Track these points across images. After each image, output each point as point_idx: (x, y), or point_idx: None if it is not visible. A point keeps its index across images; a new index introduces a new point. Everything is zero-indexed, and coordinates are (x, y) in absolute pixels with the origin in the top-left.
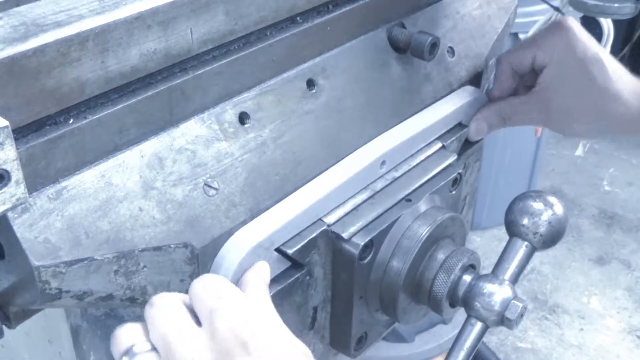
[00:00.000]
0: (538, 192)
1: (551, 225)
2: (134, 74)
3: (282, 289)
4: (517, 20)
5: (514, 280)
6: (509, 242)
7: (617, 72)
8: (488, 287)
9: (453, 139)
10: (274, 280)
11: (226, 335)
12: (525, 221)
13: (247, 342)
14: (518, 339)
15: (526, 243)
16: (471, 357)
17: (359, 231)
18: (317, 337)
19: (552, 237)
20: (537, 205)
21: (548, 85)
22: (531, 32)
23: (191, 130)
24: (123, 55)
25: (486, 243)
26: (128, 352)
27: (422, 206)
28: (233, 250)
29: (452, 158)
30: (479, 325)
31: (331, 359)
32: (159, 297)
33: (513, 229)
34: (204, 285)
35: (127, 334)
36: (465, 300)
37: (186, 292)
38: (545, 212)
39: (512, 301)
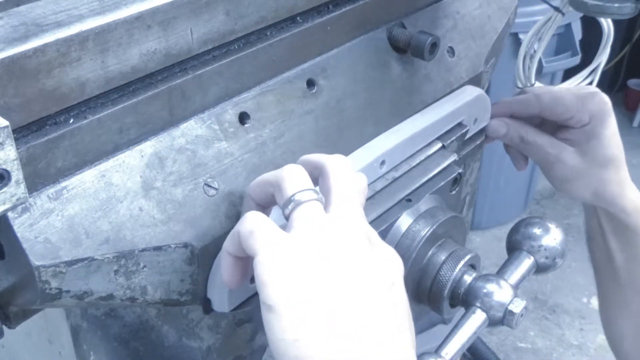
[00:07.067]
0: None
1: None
2: (134, 74)
3: None
4: (517, 20)
5: (516, 283)
6: (512, 252)
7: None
8: (488, 287)
9: (453, 139)
10: None
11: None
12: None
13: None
14: (518, 339)
15: (530, 255)
16: (468, 343)
17: None
18: None
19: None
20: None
21: (576, 142)
22: (531, 32)
23: (191, 130)
24: (123, 55)
25: (486, 243)
26: (291, 200)
27: (422, 206)
28: None
29: (452, 158)
30: (479, 313)
31: None
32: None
33: (515, 247)
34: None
35: (293, 178)
36: (465, 300)
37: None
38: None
39: (512, 301)
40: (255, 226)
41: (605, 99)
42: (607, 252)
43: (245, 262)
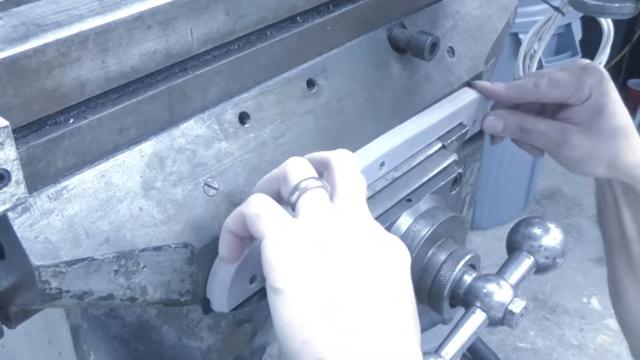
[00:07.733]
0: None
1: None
2: (134, 74)
3: None
4: (517, 20)
5: (516, 283)
6: (512, 252)
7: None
8: (488, 287)
9: (453, 139)
10: None
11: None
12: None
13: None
14: (518, 339)
15: (530, 255)
16: (468, 343)
17: None
18: None
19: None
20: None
21: (579, 120)
22: (531, 32)
23: (191, 130)
24: (123, 55)
25: (486, 243)
26: (297, 188)
27: (422, 206)
28: None
29: (452, 158)
30: (479, 313)
31: None
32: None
33: (515, 247)
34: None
35: (298, 168)
36: (465, 300)
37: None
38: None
39: (512, 301)
40: (262, 209)
41: (599, 67)
42: (619, 224)
43: (244, 240)
